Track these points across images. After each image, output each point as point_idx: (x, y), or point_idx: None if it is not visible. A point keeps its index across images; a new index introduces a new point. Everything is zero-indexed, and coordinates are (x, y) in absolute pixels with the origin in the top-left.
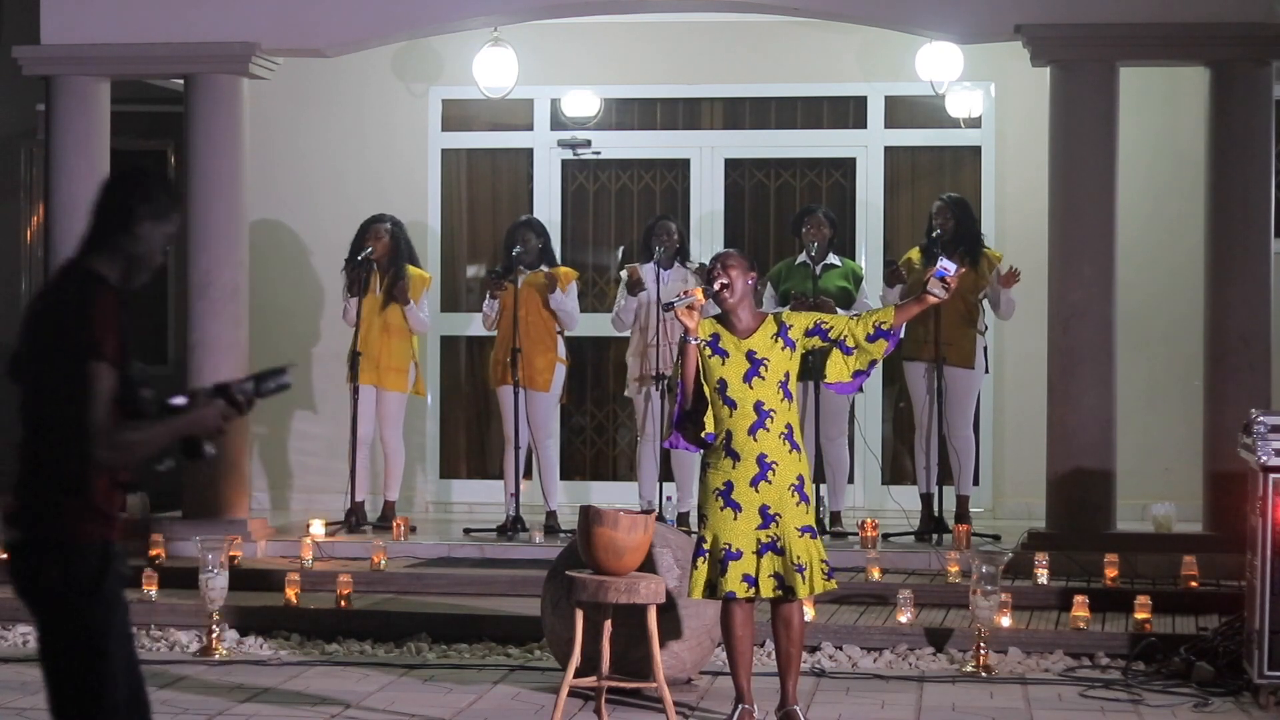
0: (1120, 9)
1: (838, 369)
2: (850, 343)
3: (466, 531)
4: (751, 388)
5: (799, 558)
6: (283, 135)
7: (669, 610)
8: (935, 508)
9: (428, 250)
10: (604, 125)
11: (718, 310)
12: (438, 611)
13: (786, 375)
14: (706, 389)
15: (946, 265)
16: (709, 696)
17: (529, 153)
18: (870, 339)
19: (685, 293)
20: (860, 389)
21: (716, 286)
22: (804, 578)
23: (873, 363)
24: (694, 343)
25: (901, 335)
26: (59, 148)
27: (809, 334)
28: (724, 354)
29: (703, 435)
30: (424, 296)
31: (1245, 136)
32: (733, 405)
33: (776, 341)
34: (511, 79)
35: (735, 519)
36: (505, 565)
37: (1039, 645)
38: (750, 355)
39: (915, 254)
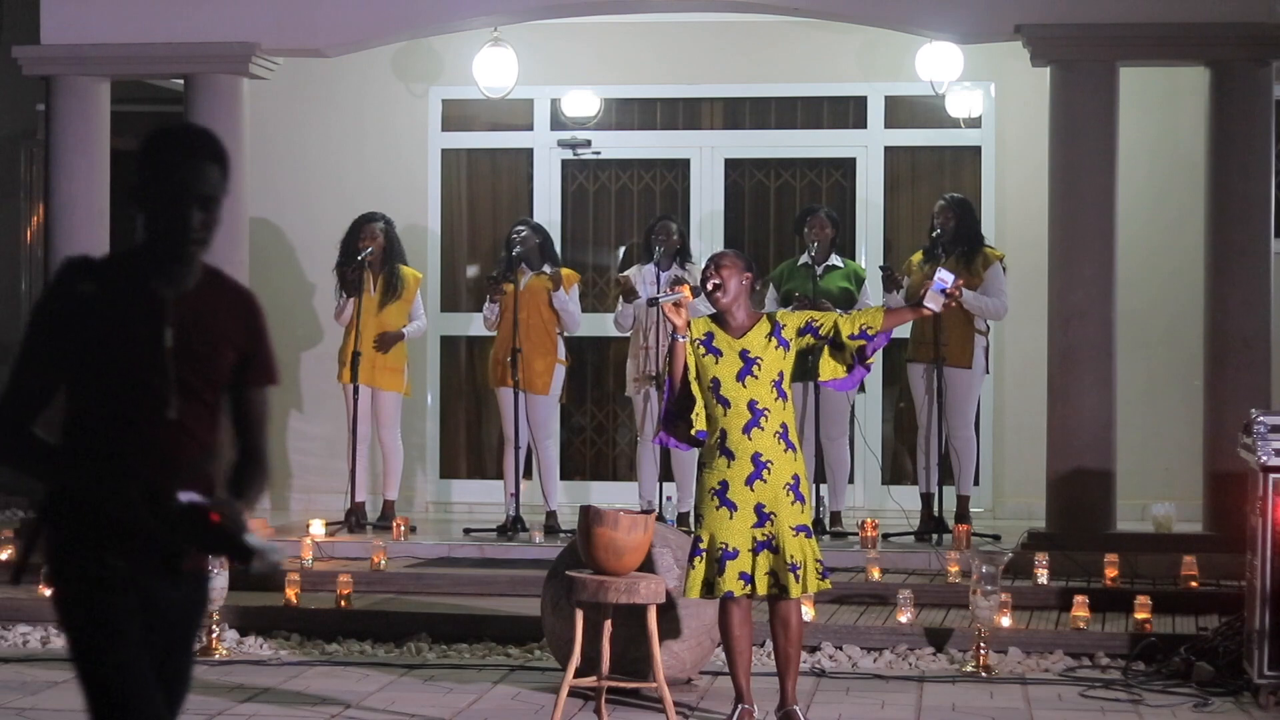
0: (1120, 9)
1: (830, 367)
2: (838, 339)
3: (466, 531)
4: (745, 387)
5: (793, 557)
6: (283, 135)
7: (669, 610)
8: (935, 508)
9: (427, 250)
10: (604, 125)
11: (712, 309)
12: (438, 611)
13: (781, 375)
14: (697, 387)
15: (944, 276)
16: (709, 696)
17: (529, 153)
18: (853, 338)
19: (672, 288)
20: (862, 387)
21: (709, 287)
22: (797, 577)
23: (861, 351)
24: (682, 340)
25: (882, 341)
26: (59, 148)
27: (801, 333)
28: (717, 353)
29: (693, 433)
30: (417, 296)
31: (1245, 136)
32: (726, 404)
33: (771, 341)
34: (511, 79)
35: (731, 518)
36: (505, 565)
37: (1039, 645)
38: (744, 354)
39: (917, 257)
